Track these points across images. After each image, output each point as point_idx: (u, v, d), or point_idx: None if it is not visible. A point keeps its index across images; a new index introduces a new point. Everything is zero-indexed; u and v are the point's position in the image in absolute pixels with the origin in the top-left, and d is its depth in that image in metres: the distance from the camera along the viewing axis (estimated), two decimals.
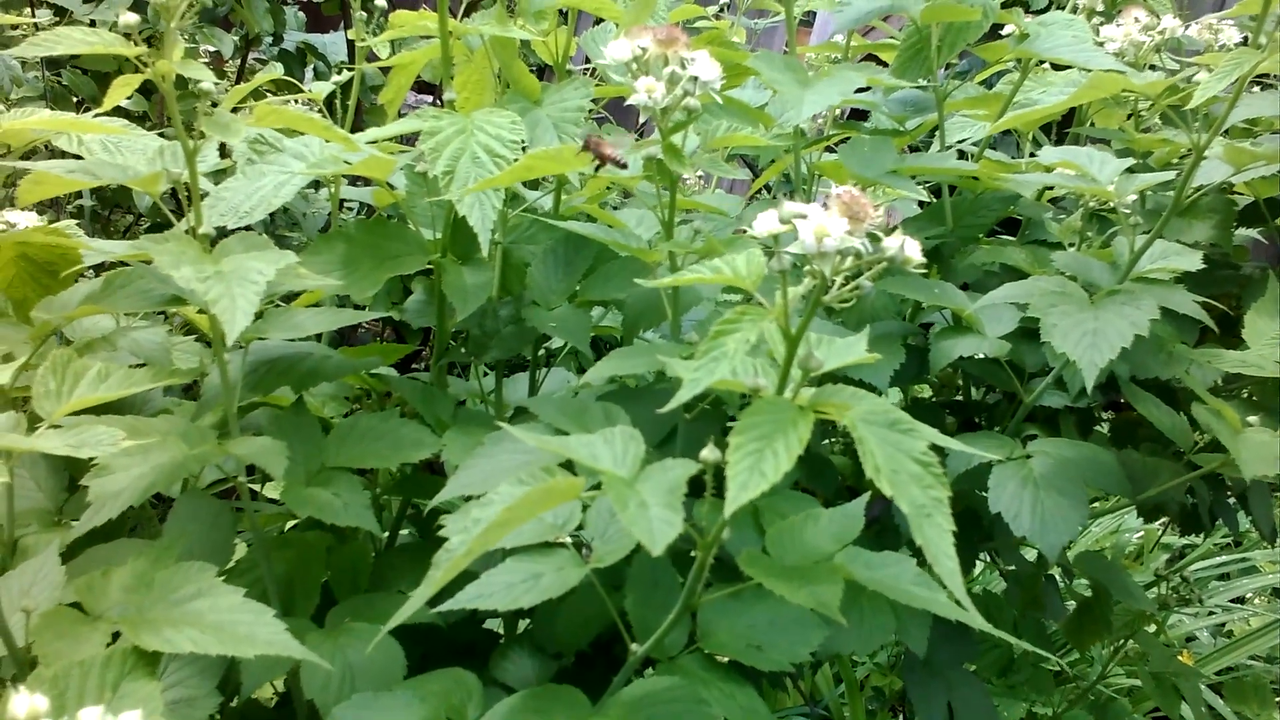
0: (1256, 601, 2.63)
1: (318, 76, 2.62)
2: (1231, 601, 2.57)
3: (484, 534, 0.62)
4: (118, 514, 0.79)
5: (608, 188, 1.26)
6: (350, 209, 2.12)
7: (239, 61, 2.40)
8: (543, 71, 1.50)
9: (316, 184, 1.94)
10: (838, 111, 1.33)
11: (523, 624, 1.03)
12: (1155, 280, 0.97)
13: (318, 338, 1.11)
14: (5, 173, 1.14)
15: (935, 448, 0.74)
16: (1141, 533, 2.73)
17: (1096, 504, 2.82)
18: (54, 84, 2.24)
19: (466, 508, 0.69)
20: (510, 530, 0.68)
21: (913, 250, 0.59)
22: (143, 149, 1.01)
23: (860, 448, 0.60)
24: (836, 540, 0.79)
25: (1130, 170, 0.98)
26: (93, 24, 2.07)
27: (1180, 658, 2.24)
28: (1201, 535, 2.67)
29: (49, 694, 0.67)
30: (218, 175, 1.01)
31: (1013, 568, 1.22)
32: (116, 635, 0.74)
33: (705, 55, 0.77)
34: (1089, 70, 1.02)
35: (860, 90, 1.24)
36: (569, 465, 0.72)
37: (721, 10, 1.76)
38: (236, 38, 2.35)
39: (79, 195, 2.23)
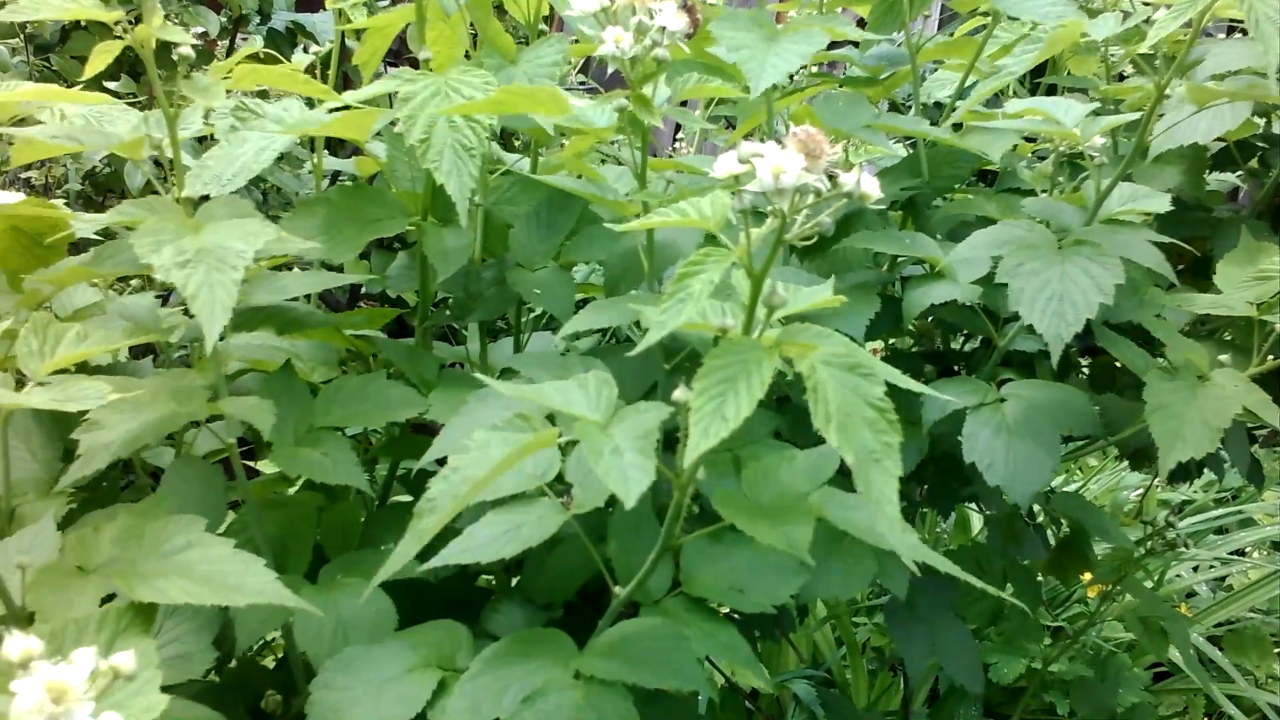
0: (1255, 555, 2.65)
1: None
2: (1231, 554, 2.59)
3: (465, 495, 0.64)
4: (106, 464, 0.81)
5: (602, 160, 1.27)
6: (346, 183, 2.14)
7: (228, 41, 2.41)
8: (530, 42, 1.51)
9: (306, 162, 1.95)
10: (814, 66, 1.34)
11: (515, 581, 1.05)
12: (1124, 223, 0.98)
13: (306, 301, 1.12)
14: None
15: (911, 394, 0.76)
16: (1140, 490, 2.75)
17: (1095, 463, 2.86)
18: (42, 68, 2.25)
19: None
20: (489, 484, 0.70)
21: (870, 186, 0.60)
22: (126, 121, 1.02)
23: (812, 395, 0.61)
24: (811, 480, 0.80)
25: (1098, 114, 0.99)
26: None
27: (1178, 610, 2.26)
28: (1189, 485, 2.69)
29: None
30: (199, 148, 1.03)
31: (994, 512, 1.24)
32: (110, 598, 0.76)
33: (671, 5, 0.78)
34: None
35: (840, 44, 1.25)
36: (554, 420, 0.74)
37: None
38: (224, 18, 2.35)
39: (65, 180, 2.24)
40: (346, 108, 0.95)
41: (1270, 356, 1.00)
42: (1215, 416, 0.92)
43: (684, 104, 0.99)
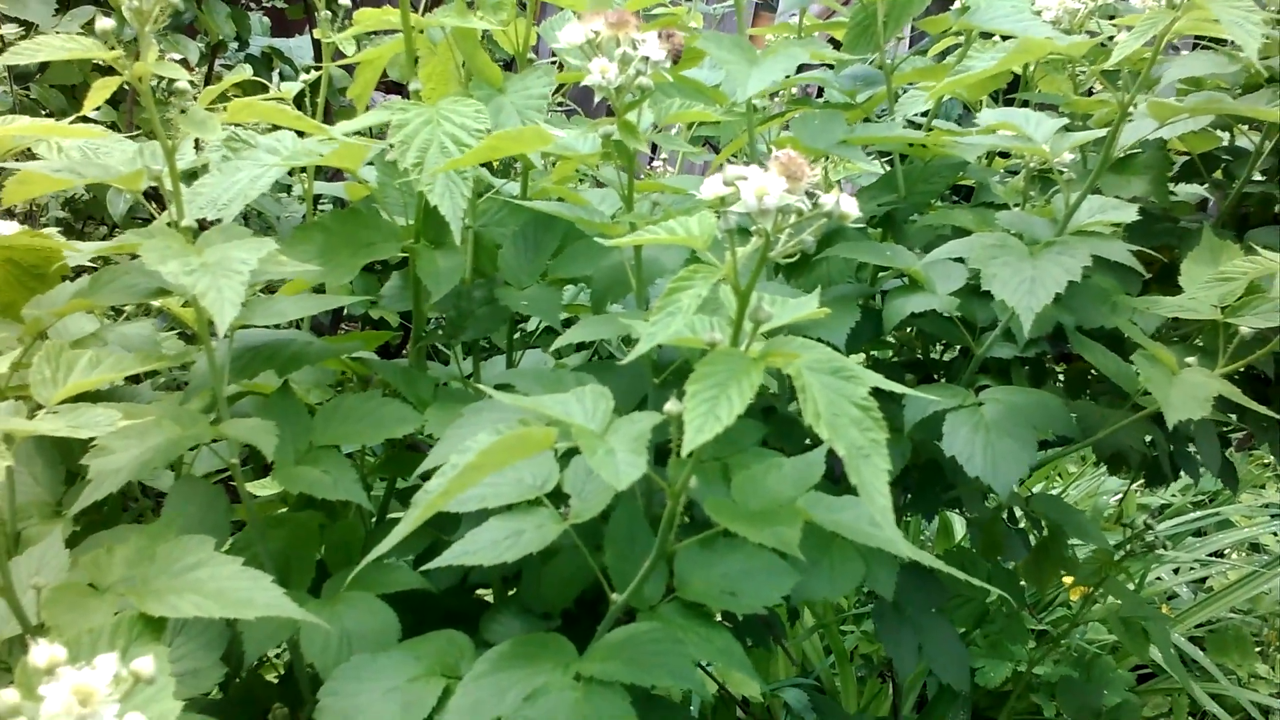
0: (1234, 556, 2.69)
1: (284, 80, 2.66)
2: (1210, 556, 2.63)
3: (460, 475, 0.66)
4: (117, 489, 0.83)
5: (580, 178, 1.31)
6: (324, 209, 2.16)
7: (205, 68, 2.43)
8: (511, 66, 1.55)
9: (288, 188, 1.98)
10: (794, 90, 1.37)
11: (511, 593, 1.08)
12: (1093, 233, 1.02)
13: (299, 326, 1.15)
14: None
15: (893, 399, 0.79)
16: (1120, 495, 2.79)
17: (1075, 470, 2.90)
18: (23, 98, 2.27)
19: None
20: (486, 474, 0.72)
21: (849, 206, 0.63)
22: (121, 152, 1.05)
23: (802, 396, 0.64)
24: (798, 486, 0.83)
25: (1067, 129, 1.03)
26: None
27: (1159, 610, 2.29)
28: (1166, 488, 2.74)
29: None
30: (189, 176, 1.05)
31: (975, 515, 1.27)
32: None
33: (654, 36, 0.82)
34: None
35: (812, 66, 1.29)
36: None
37: None
38: (202, 44, 2.38)
39: (47, 208, 2.26)
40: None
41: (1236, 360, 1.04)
42: (1198, 390, 0.96)
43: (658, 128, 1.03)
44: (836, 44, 1.32)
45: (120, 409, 0.85)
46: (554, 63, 1.12)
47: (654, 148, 2.49)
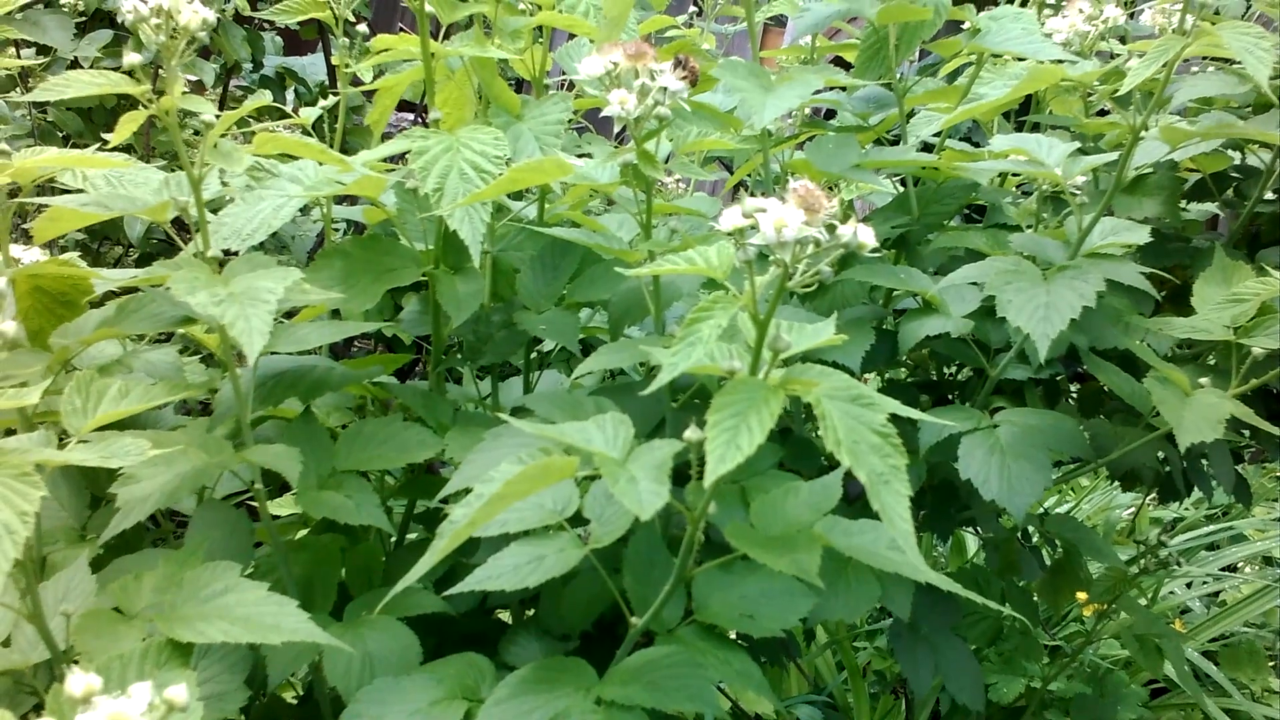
0: (1247, 570, 2.69)
1: (298, 99, 2.69)
2: (1223, 570, 2.62)
3: (485, 506, 0.68)
4: (145, 517, 0.85)
5: (591, 194, 1.32)
6: (337, 229, 2.18)
7: (220, 89, 2.46)
8: (521, 85, 1.56)
9: (305, 208, 2.00)
10: (807, 111, 1.39)
11: (529, 614, 1.09)
12: (1106, 255, 1.03)
13: (318, 351, 1.16)
14: (14, 208, 1.20)
15: (909, 421, 0.80)
16: (1132, 509, 2.78)
17: (1087, 484, 2.90)
18: (41, 121, 2.30)
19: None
20: (510, 503, 0.73)
21: (866, 236, 0.65)
22: (144, 181, 1.06)
23: (822, 423, 0.65)
24: (815, 510, 0.84)
25: (1080, 152, 1.04)
26: (75, 61, 2.13)
27: (1173, 627, 2.29)
28: (1179, 503, 2.74)
29: None
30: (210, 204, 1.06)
31: (991, 535, 1.28)
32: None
33: (670, 65, 0.83)
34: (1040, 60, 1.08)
35: (826, 90, 1.30)
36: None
37: (691, 19, 1.81)
38: (217, 66, 2.40)
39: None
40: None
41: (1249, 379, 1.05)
42: (1211, 412, 0.97)
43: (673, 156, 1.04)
44: (843, 63, 1.33)
45: (147, 436, 0.87)
46: (562, 84, 1.13)
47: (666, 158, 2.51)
